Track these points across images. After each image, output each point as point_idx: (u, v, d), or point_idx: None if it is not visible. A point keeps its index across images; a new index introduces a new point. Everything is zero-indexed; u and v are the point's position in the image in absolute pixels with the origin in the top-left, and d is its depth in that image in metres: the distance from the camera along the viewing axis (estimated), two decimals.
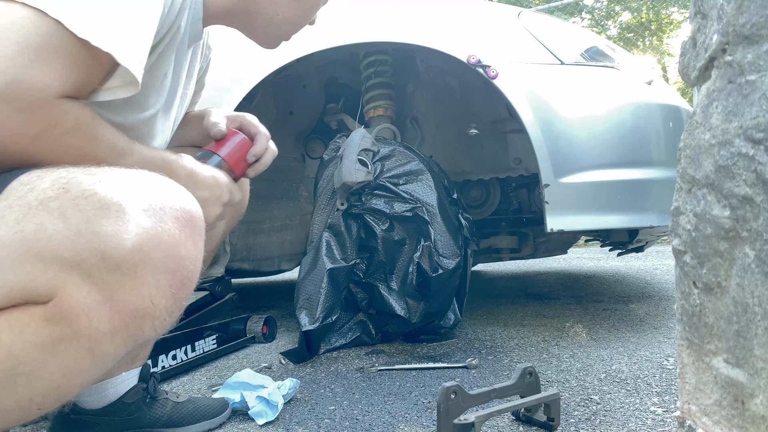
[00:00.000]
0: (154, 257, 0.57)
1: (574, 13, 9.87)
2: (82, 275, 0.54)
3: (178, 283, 0.60)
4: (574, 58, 1.69)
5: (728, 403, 0.49)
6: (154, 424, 0.98)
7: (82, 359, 0.56)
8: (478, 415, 0.84)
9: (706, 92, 0.51)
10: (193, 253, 0.62)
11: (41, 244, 0.54)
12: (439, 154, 2.22)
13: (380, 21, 1.77)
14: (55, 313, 0.54)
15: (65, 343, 0.55)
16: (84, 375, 0.58)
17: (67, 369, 0.56)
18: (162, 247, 0.58)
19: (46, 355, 0.54)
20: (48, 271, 0.54)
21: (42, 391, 0.56)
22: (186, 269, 0.61)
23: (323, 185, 1.72)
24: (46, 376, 0.55)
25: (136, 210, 0.57)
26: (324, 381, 1.32)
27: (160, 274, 0.58)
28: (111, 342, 0.57)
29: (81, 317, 0.54)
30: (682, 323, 0.56)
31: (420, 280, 1.59)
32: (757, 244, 0.44)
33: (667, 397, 1.10)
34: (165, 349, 1.39)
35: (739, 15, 0.45)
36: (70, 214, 0.55)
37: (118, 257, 0.55)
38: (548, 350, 1.50)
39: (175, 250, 0.59)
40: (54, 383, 0.56)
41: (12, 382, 0.54)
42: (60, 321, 0.54)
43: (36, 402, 0.56)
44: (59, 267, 0.54)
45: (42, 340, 0.54)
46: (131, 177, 0.61)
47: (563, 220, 1.61)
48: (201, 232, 0.65)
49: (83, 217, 0.55)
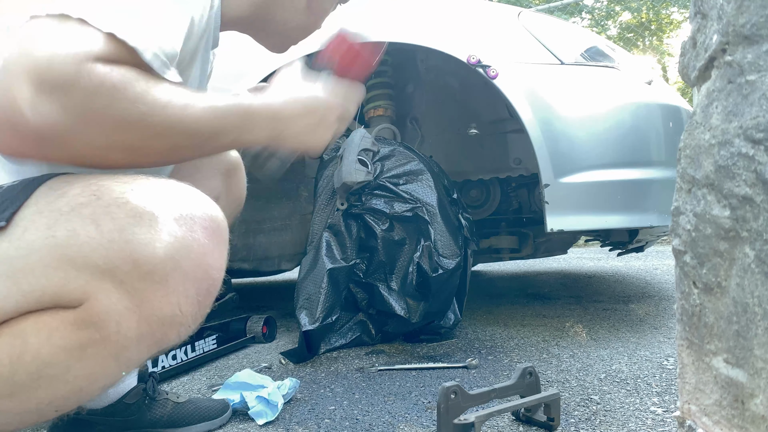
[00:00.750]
0: (185, 266, 0.58)
1: (574, 13, 9.87)
2: (114, 282, 0.55)
3: (204, 291, 0.61)
4: (574, 58, 1.69)
5: (728, 403, 0.49)
6: (154, 424, 0.98)
7: (107, 364, 0.57)
8: (478, 415, 0.84)
9: (706, 92, 0.51)
10: (219, 262, 0.63)
11: (73, 250, 0.54)
12: (439, 154, 2.22)
13: (380, 21, 1.77)
14: (84, 318, 0.55)
15: (92, 348, 0.55)
16: (107, 379, 0.59)
17: (91, 373, 0.57)
18: (192, 256, 0.58)
19: (72, 360, 0.55)
20: (80, 278, 0.54)
21: (64, 394, 0.56)
22: (212, 278, 0.62)
23: (323, 185, 1.72)
24: (70, 379, 0.56)
25: (168, 219, 0.57)
26: (324, 381, 1.32)
27: (189, 282, 0.58)
28: (137, 348, 0.57)
29: (110, 323, 0.55)
30: (682, 323, 0.56)
31: (420, 280, 1.59)
32: (757, 244, 0.44)
33: (667, 397, 1.10)
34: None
35: (739, 15, 0.45)
36: (102, 221, 0.55)
37: (151, 265, 0.55)
38: (548, 350, 1.50)
39: (204, 259, 0.60)
40: (76, 386, 0.57)
41: (36, 384, 0.54)
42: (89, 326, 0.55)
43: (55, 404, 0.57)
44: (91, 274, 0.54)
45: (70, 344, 0.55)
46: (160, 185, 0.61)
47: (563, 220, 1.61)
48: (226, 241, 0.65)
49: (116, 225, 0.55)
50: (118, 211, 0.56)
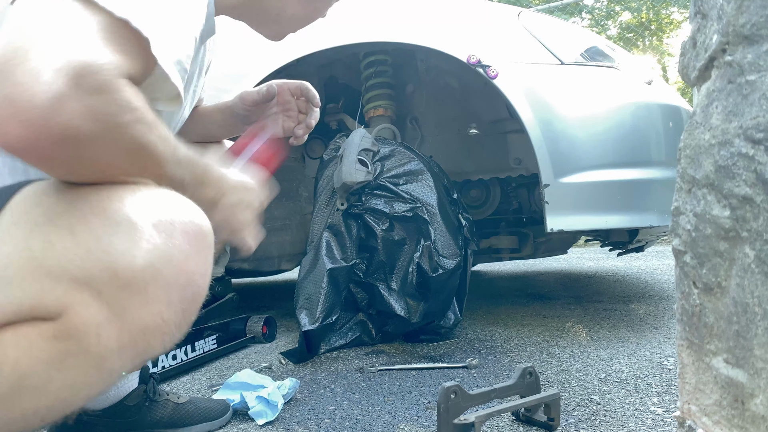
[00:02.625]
0: (166, 274, 0.56)
1: (574, 13, 9.87)
2: (92, 293, 0.54)
3: (188, 298, 0.60)
4: (574, 58, 1.69)
5: (728, 403, 0.49)
6: (154, 425, 0.98)
7: (89, 374, 0.56)
8: (478, 415, 0.84)
9: (706, 92, 0.51)
10: (203, 267, 0.62)
11: (50, 262, 0.53)
12: (439, 154, 2.22)
13: (380, 21, 1.77)
14: (63, 330, 0.54)
15: (72, 359, 0.54)
16: (90, 389, 0.58)
17: (73, 384, 0.56)
18: (173, 263, 0.57)
19: (52, 371, 0.54)
20: (57, 289, 0.53)
21: (47, 404, 0.56)
22: (196, 284, 0.60)
23: (323, 185, 1.72)
24: (52, 390, 0.55)
25: (146, 225, 0.56)
26: (324, 381, 1.32)
27: (171, 290, 0.57)
28: (119, 358, 0.56)
29: (90, 334, 0.54)
30: (682, 323, 0.56)
31: (420, 280, 1.59)
32: (757, 244, 0.44)
33: (667, 397, 1.10)
34: None
35: (739, 15, 0.45)
36: (79, 231, 0.54)
37: (130, 275, 0.54)
38: (548, 350, 1.50)
39: (185, 266, 0.58)
40: (59, 397, 0.56)
41: (18, 395, 0.54)
42: (68, 338, 0.54)
43: (40, 414, 0.56)
44: (68, 285, 0.53)
45: (49, 356, 0.54)
46: (138, 192, 0.60)
47: (563, 220, 1.61)
48: (210, 246, 0.64)
49: (93, 234, 0.54)
50: (94, 220, 0.55)
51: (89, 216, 0.55)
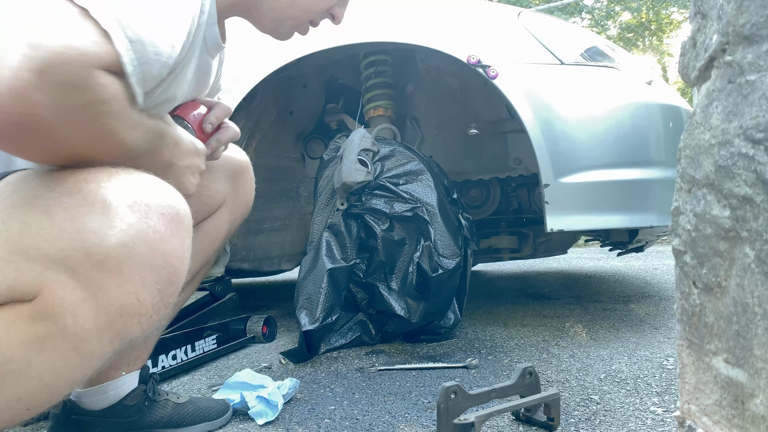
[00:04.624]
0: (139, 253, 0.57)
1: (574, 13, 9.87)
2: (67, 272, 0.54)
3: (164, 279, 0.60)
4: (574, 58, 1.69)
5: (728, 403, 0.49)
6: (154, 425, 0.98)
7: (69, 357, 0.56)
8: (478, 415, 0.84)
9: (706, 92, 0.51)
10: (179, 249, 0.62)
11: (26, 242, 0.54)
12: (439, 154, 2.22)
13: (380, 21, 1.77)
14: (39, 311, 0.54)
15: (51, 341, 0.54)
16: (72, 373, 0.58)
17: (54, 367, 0.56)
18: (147, 243, 0.58)
19: (32, 354, 0.54)
20: (33, 269, 0.54)
21: (30, 390, 0.56)
22: (172, 265, 0.61)
23: (323, 185, 1.72)
24: (33, 374, 0.55)
25: (121, 206, 0.57)
26: (324, 381, 1.32)
27: (145, 270, 0.57)
28: (97, 340, 0.56)
29: (66, 314, 0.54)
30: (682, 323, 0.56)
31: (420, 280, 1.59)
32: (757, 244, 0.44)
33: (667, 397, 1.10)
34: (165, 349, 1.39)
35: (739, 15, 0.45)
36: (54, 211, 0.55)
37: (103, 253, 0.55)
38: (548, 350, 1.50)
39: (160, 246, 0.59)
40: (42, 382, 0.56)
41: (1, 381, 0.54)
42: (45, 318, 0.54)
43: (25, 402, 0.56)
44: (44, 265, 0.54)
45: (27, 337, 0.54)
46: (116, 174, 0.60)
47: (563, 220, 1.61)
48: (188, 229, 0.64)
49: (68, 214, 0.55)
50: (70, 201, 0.55)
51: (65, 197, 0.56)
